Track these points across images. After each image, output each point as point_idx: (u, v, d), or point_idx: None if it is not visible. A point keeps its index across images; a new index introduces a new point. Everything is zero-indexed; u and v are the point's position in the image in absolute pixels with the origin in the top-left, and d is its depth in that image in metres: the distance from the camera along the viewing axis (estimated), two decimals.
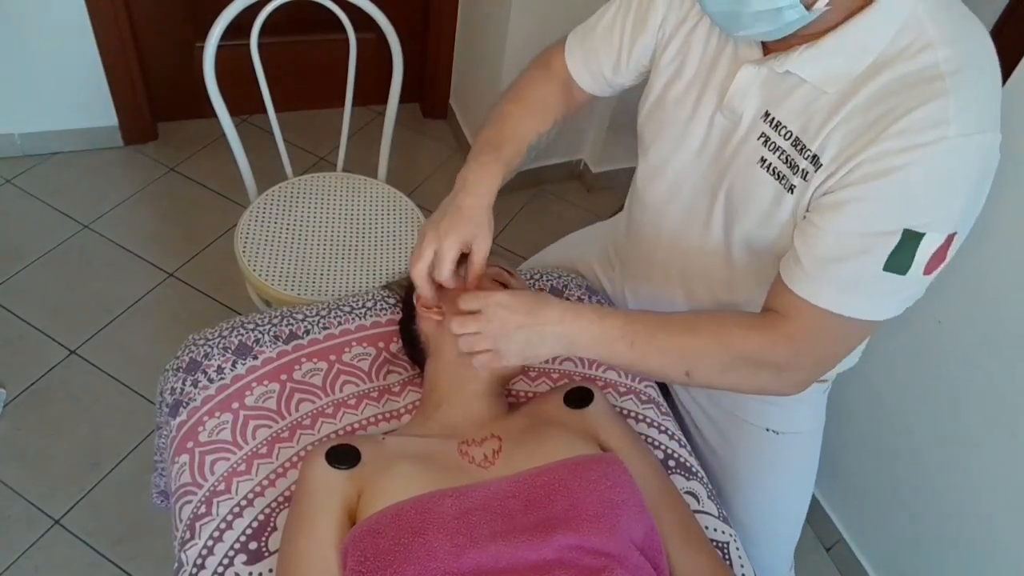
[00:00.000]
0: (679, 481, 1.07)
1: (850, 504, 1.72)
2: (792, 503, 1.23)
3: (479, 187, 0.97)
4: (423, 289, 0.97)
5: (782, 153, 0.86)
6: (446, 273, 0.94)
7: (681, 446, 1.12)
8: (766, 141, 0.88)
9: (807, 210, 0.86)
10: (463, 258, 0.96)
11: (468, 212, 0.95)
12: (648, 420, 1.14)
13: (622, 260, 1.26)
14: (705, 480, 1.10)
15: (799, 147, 0.84)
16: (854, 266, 0.81)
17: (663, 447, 1.11)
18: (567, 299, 1.28)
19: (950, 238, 0.79)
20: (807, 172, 0.84)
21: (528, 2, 2.05)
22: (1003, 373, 1.28)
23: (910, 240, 0.78)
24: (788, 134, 0.86)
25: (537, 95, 1.09)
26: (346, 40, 1.57)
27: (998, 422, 1.31)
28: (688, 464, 1.10)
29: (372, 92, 2.18)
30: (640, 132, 1.07)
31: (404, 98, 1.70)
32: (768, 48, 0.87)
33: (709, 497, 1.07)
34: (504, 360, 0.91)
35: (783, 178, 0.87)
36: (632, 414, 1.14)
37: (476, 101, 2.48)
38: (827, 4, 0.75)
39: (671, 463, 1.09)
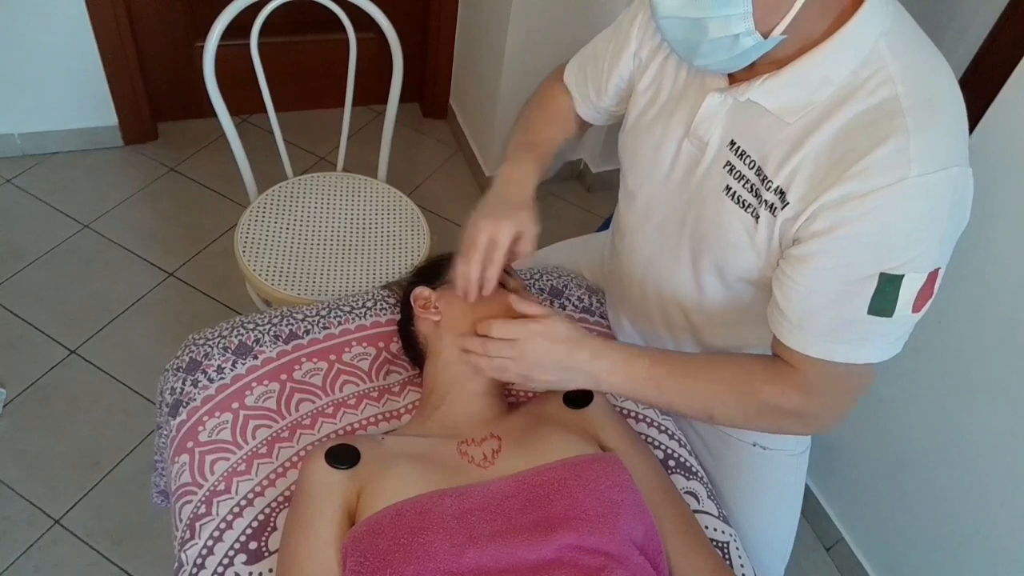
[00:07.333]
0: (679, 481, 1.07)
1: (850, 504, 1.72)
2: (780, 523, 1.21)
3: (523, 179, 1.01)
4: (467, 281, 0.95)
5: (747, 183, 0.86)
6: (500, 257, 0.94)
7: (681, 446, 1.12)
8: (732, 170, 0.87)
9: (780, 258, 0.85)
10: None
11: (517, 201, 0.98)
12: (648, 420, 1.14)
13: (608, 282, 1.27)
14: (705, 480, 1.10)
15: (762, 177, 0.84)
16: (837, 314, 0.81)
17: (663, 447, 1.11)
18: (567, 299, 1.28)
19: (932, 275, 0.78)
20: (774, 206, 0.83)
21: (528, 2, 2.05)
22: (1004, 373, 1.28)
23: (889, 283, 0.77)
24: (752, 163, 0.85)
25: (558, 104, 1.15)
26: (346, 40, 1.57)
27: (998, 422, 1.31)
28: (688, 464, 1.10)
29: (372, 92, 2.19)
30: (620, 157, 1.08)
31: (404, 98, 1.70)
32: (733, 78, 0.87)
33: (709, 497, 1.07)
34: (530, 386, 0.94)
35: (748, 207, 0.86)
36: (632, 414, 1.14)
37: (476, 101, 2.48)
38: (783, 33, 0.75)
39: (671, 463, 1.09)
